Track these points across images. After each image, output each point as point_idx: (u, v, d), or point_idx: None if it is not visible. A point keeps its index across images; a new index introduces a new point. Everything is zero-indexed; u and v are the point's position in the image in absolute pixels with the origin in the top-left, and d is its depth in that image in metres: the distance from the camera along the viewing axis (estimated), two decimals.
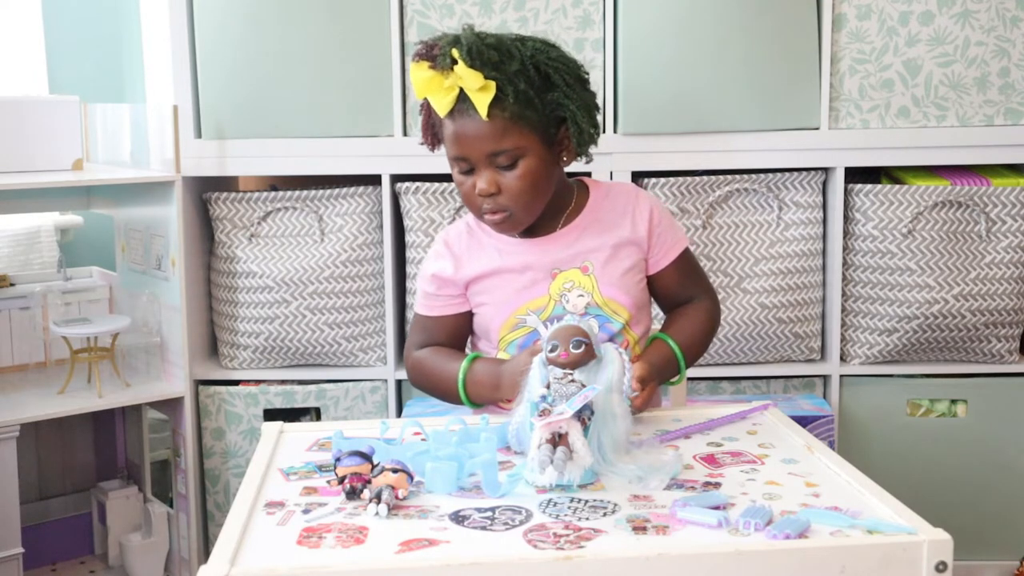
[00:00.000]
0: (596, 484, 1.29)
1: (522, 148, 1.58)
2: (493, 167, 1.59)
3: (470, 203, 1.63)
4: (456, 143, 1.59)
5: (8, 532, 2.24)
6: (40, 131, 2.43)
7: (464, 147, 1.59)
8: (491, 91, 1.54)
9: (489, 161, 1.58)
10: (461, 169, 1.62)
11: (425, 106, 1.65)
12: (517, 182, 1.59)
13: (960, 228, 2.40)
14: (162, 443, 2.66)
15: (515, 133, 1.57)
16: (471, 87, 1.54)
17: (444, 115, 1.59)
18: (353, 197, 2.47)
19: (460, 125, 1.58)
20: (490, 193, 1.59)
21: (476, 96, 1.55)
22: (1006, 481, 2.48)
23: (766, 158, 2.40)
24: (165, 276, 2.43)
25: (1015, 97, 2.40)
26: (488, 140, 1.57)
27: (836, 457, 1.38)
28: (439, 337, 1.71)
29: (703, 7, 2.35)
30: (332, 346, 2.48)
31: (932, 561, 1.11)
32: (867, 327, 2.44)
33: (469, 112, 1.56)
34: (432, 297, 1.71)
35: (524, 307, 1.64)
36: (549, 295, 1.65)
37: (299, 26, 2.39)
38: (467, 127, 1.57)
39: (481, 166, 1.59)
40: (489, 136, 1.57)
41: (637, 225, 1.67)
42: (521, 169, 1.59)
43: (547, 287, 1.65)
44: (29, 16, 2.81)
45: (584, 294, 1.65)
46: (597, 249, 1.65)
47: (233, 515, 1.21)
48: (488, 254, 1.68)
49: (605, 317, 1.64)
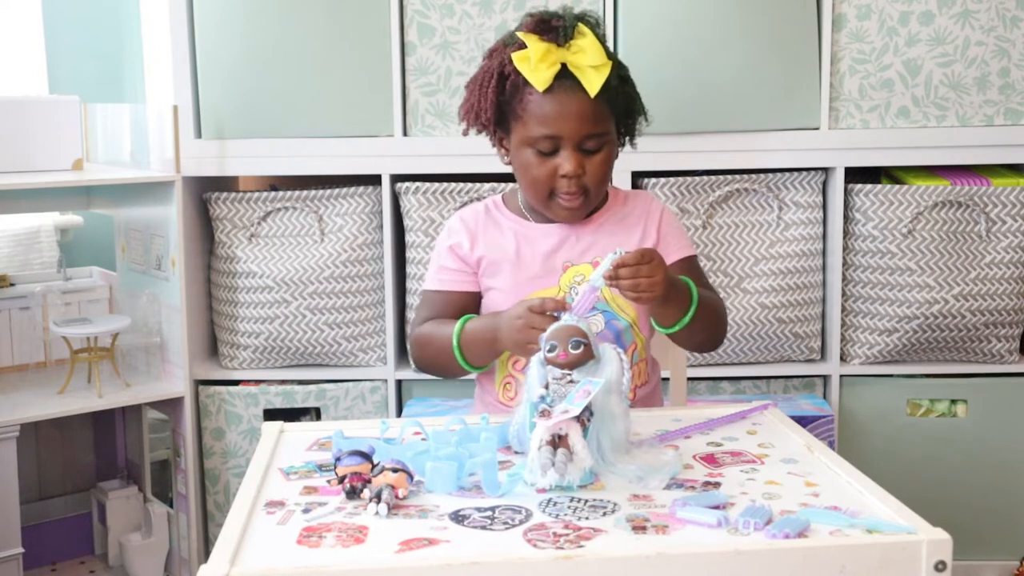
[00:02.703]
0: (596, 484, 1.29)
1: (610, 134, 1.62)
2: (580, 149, 1.59)
3: (540, 186, 1.61)
4: (551, 120, 1.58)
5: (8, 532, 2.24)
6: (40, 131, 2.43)
7: (560, 125, 1.58)
8: (605, 71, 1.57)
9: (580, 142, 1.59)
10: (543, 148, 1.60)
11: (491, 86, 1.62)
12: (599, 167, 1.61)
13: (960, 228, 2.40)
14: (162, 443, 2.66)
15: (608, 118, 1.61)
16: (590, 62, 1.55)
17: (543, 90, 1.57)
18: (353, 197, 2.47)
19: (561, 103, 1.57)
20: (577, 175, 1.59)
21: (590, 73, 1.56)
22: (1006, 481, 2.48)
23: (766, 158, 2.40)
24: (165, 276, 2.43)
25: (1015, 97, 2.40)
26: (588, 121, 1.58)
27: (836, 457, 1.38)
28: (446, 314, 1.68)
29: (703, 7, 2.35)
30: (332, 346, 2.48)
31: (931, 560, 1.11)
32: (867, 327, 2.44)
33: (572, 90, 1.57)
34: (445, 270, 1.70)
35: (534, 295, 1.65)
36: (559, 287, 1.65)
37: (299, 26, 2.39)
38: (569, 105, 1.57)
39: (570, 147, 1.59)
40: (590, 117, 1.58)
41: (648, 229, 1.69)
42: (604, 155, 1.61)
43: (557, 279, 1.66)
44: (29, 16, 2.81)
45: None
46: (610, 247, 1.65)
47: (233, 515, 1.21)
48: (505, 237, 1.68)
49: (612, 314, 1.65)
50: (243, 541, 1.15)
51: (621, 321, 1.65)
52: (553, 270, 1.66)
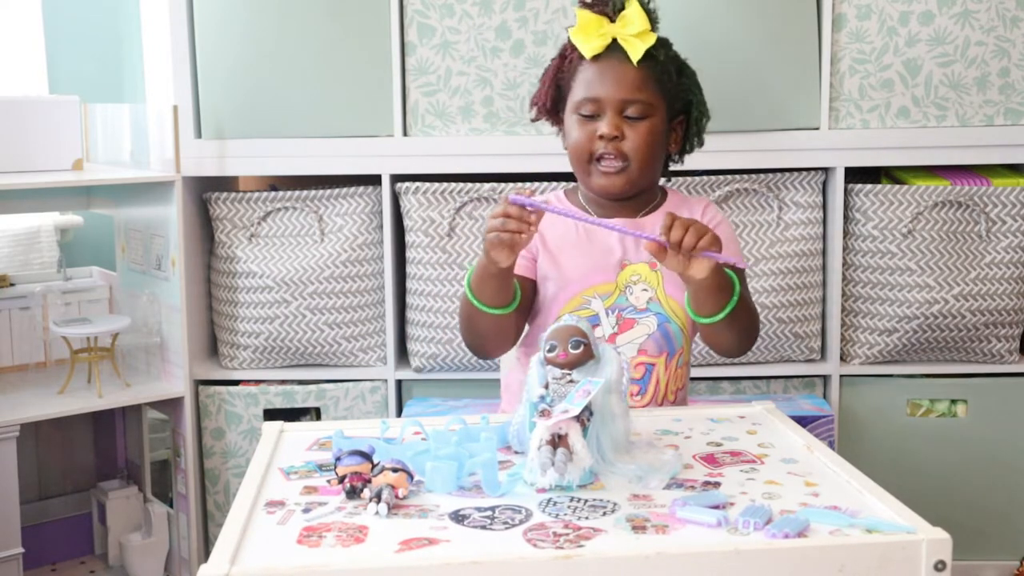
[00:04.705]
0: (596, 483, 1.29)
1: (653, 106, 1.65)
2: (621, 115, 1.63)
3: (582, 152, 1.65)
4: (592, 84, 1.64)
5: (8, 532, 2.24)
6: (40, 131, 2.43)
7: (601, 88, 1.64)
8: (650, 40, 1.63)
9: (620, 108, 1.63)
10: (587, 111, 1.65)
11: (554, 63, 1.71)
12: (641, 136, 1.63)
13: (960, 228, 2.40)
14: (162, 443, 2.66)
15: (652, 89, 1.64)
16: (634, 30, 1.62)
17: (589, 57, 1.64)
18: (353, 197, 2.47)
19: (603, 67, 1.65)
20: (613, 136, 1.62)
21: (633, 40, 1.63)
22: (1006, 481, 2.48)
23: (766, 158, 2.40)
24: (165, 276, 2.43)
25: (1015, 97, 2.40)
26: (628, 86, 1.63)
27: (835, 457, 1.38)
28: None
29: (703, 7, 2.35)
30: (332, 346, 2.48)
31: (931, 560, 1.11)
32: (867, 327, 2.44)
33: (618, 57, 1.63)
34: None
35: (591, 289, 1.65)
36: (616, 283, 1.66)
37: (299, 26, 2.39)
38: (611, 69, 1.64)
39: (611, 111, 1.63)
40: (631, 83, 1.63)
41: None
42: (647, 125, 1.64)
43: (615, 275, 1.67)
44: (29, 16, 2.81)
45: (648, 288, 1.66)
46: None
47: (233, 515, 1.21)
48: (567, 226, 1.69)
49: (665, 316, 1.66)
50: (243, 541, 1.15)
51: (672, 324, 1.66)
52: (611, 266, 1.67)
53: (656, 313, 1.65)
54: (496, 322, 1.61)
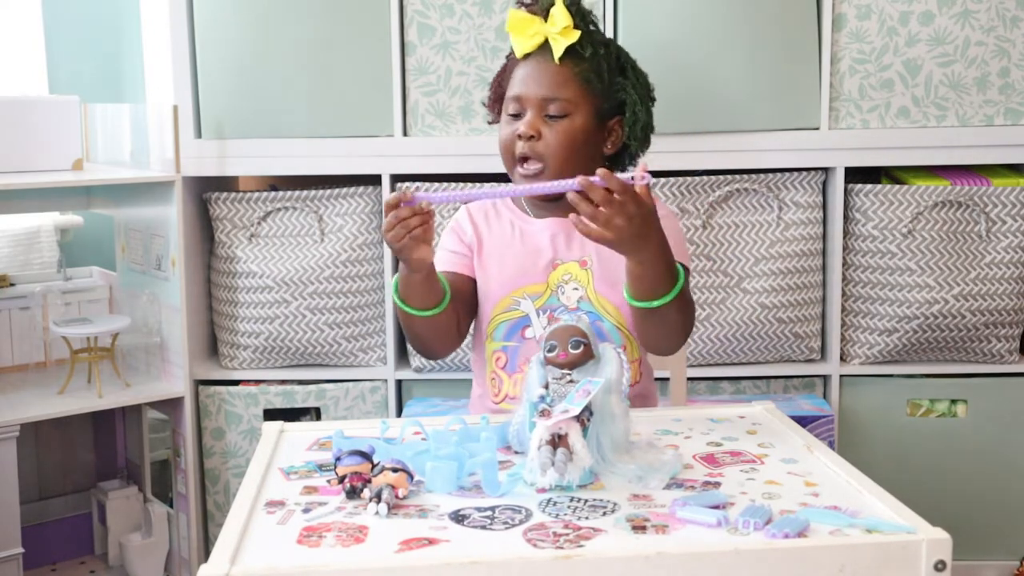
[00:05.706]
0: (596, 483, 1.29)
1: (575, 105, 1.63)
2: (541, 115, 1.63)
3: (506, 151, 1.67)
4: (518, 83, 1.66)
5: (8, 532, 2.24)
6: (40, 131, 2.43)
7: (524, 86, 1.65)
8: (572, 37, 1.62)
9: (541, 107, 1.63)
10: (512, 110, 1.66)
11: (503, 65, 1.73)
12: (558, 136, 1.63)
13: (960, 228, 2.40)
14: (162, 443, 2.66)
15: (574, 89, 1.63)
16: (556, 27, 1.62)
17: (520, 56, 1.65)
18: (353, 197, 2.47)
19: (529, 66, 1.65)
20: (529, 136, 1.62)
21: (556, 38, 1.62)
22: (1006, 481, 2.48)
23: (766, 158, 2.40)
24: (165, 276, 2.43)
25: (1015, 97, 2.40)
26: (548, 85, 1.63)
27: (835, 457, 1.38)
28: None
29: (703, 7, 2.35)
30: (332, 346, 2.48)
31: (931, 560, 1.11)
32: (867, 327, 2.44)
33: (543, 57, 1.64)
34: (443, 250, 1.72)
35: (521, 290, 1.65)
36: (547, 283, 1.66)
37: (299, 26, 2.39)
38: (535, 68, 1.65)
39: (531, 110, 1.64)
40: (551, 81, 1.63)
41: None
42: (566, 125, 1.63)
43: (546, 276, 1.67)
44: (29, 16, 2.81)
45: (579, 288, 1.66)
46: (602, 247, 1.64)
47: (233, 514, 1.21)
48: (503, 226, 1.71)
49: (596, 315, 1.65)
50: (243, 541, 1.15)
51: (605, 322, 1.65)
52: (541, 267, 1.67)
53: (587, 312, 1.64)
54: (430, 323, 1.60)
